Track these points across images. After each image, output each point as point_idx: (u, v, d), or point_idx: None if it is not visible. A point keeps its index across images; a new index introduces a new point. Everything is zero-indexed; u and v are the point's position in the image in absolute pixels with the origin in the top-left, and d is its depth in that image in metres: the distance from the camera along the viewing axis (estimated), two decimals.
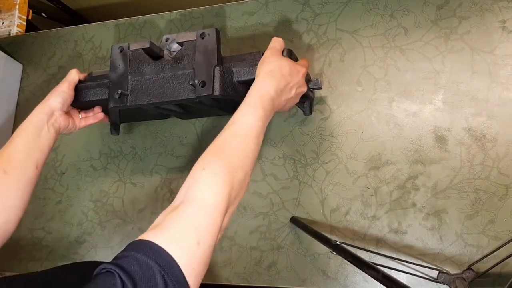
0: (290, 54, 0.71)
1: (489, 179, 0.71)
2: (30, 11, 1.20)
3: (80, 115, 0.82)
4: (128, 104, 0.74)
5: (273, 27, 0.90)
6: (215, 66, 0.69)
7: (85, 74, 0.82)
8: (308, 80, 0.73)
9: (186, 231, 0.46)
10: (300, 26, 0.88)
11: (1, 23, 1.17)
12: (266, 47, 0.89)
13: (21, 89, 1.08)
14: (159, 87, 0.72)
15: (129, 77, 0.75)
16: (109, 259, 0.89)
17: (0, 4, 1.18)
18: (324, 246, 0.72)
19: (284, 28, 0.89)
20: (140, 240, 0.44)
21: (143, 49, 0.73)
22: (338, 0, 0.86)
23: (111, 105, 0.74)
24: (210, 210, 0.48)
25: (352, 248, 0.72)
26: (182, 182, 0.54)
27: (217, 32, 0.71)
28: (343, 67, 0.83)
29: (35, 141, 0.69)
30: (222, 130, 0.57)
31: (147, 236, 0.45)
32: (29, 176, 0.66)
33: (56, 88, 0.76)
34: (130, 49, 0.76)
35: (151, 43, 0.72)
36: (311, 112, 0.80)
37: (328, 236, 0.74)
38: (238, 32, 0.92)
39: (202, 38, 0.71)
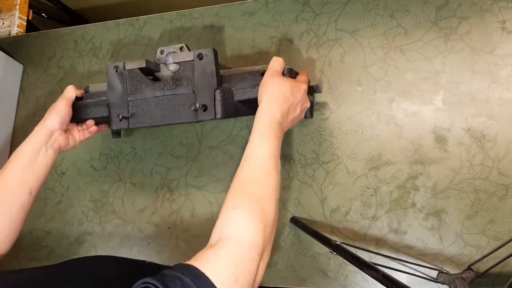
0: (290, 72, 0.70)
1: (488, 179, 0.71)
2: (31, 11, 1.20)
3: (77, 128, 0.81)
4: (130, 126, 0.74)
5: (273, 27, 0.90)
6: (216, 89, 0.69)
7: (82, 91, 0.81)
8: (308, 86, 0.73)
9: (225, 265, 0.46)
10: (300, 26, 0.88)
11: (2, 23, 1.17)
12: (266, 47, 0.89)
13: (21, 89, 1.08)
14: (160, 110, 0.72)
15: (129, 98, 0.74)
16: None
17: (0, 5, 1.18)
18: (324, 246, 0.72)
19: (284, 28, 0.89)
20: (187, 264, 0.45)
21: (139, 69, 0.71)
22: (338, 0, 0.86)
23: (113, 127, 0.75)
24: (247, 247, 0.49)
25: (352, 248, 0.72)
26: (182, 182, 0.54)
27: (215, 52, 0.69)
28: (343, 67, 0.83)
29: (31, 166, 0.68)
30: (241, 164, 0.58)
31: (193, 262, 0.46)
32: (22, 202, 0.66)
33: (53, 106, 0.75)
34: (126, 68, 0.74)
35: (147, 62, 0.70)
36: (311, 116, 0.80)
37: (328, 236, 0.74)
38: (238, 32, 0.92)
39: (200, 59, 0.69)
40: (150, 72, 0.72)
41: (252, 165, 0.57)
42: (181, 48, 0.73)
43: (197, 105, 0.69)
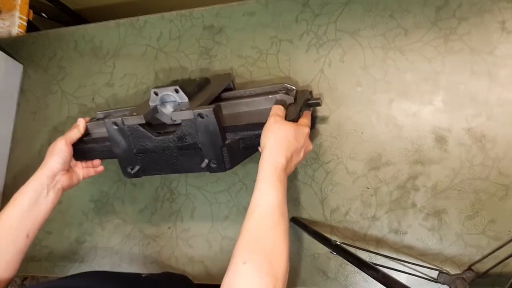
0: (295, 114, 0.68)
1: (489, 179, 0.71)
2: (31, 11, 1.20)
3: (82, 164, 0.81)
4: (141, 176, 0.75)
5: (273, 27, 0.90)
6: (222, 146, 0.69)
7: (84, 126, 0.79)
8: (308, 100, 0.73)
9: None
10: (300, 26, 0.88)
11: (2, 23, 1.17)
12: (266, 47, 0.89)
13: (21, 89, 1.08)
14: (169, 162, 0.73)
15: (135, 151, 0.73)
16: (110, 259, 0.90)
17: (0, 5, 1.18)
18: (324, 246, 0.72)
19: (284, 28, 0.89)
20: None
21: (139, 124, 0.70)
22: (338, 0, 0.86)
23: (126, 176, 0.76)
24: None
25: (352, 248, 0.72)
26: (182, 182, 0.54)
27: (215, 111, 0.66)
28: (343, 67, 0.83)
29: (30, 209, 0.68)
30: (248, 214, 0.57)
31: None
32: (19, 246, 0.66)
33: (53, 147, 0.74)
34: (125, 124, 0.71)
35: (145, 117, 0.69)
36: (313, 127, 0.80)
37: (328, 236, 0.74)
38: (238, 32, 0.92)
39: (201, 118, 0.67)
40: (151, 126, 0.72)
41: (259, 216, 0.56)
42: (175, 90, 0.71)
43: (206, 160, 0.70)
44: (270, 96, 0.71)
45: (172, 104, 0.72)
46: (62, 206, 0.95)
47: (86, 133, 0.80)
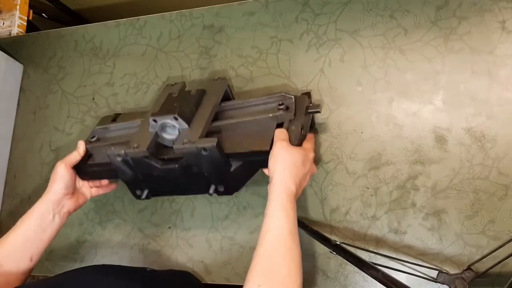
0: (298, 140, 0.68)
1: (488, 179, 0.71)
2: (31, 11, 1.20)
3: (89, 184, 0.81)
4: (151, 197, 0.77)
5: (273, 27, 0.90)
6: (227, 173, 0.69)
7: (84, 149, 0.79)
8: (308, 107, 0.73)
9: None
10: (300, 26, 0.88)
11: (2, 23, 1.17)
12: (266, 47, 0.89)
13: (21, 89, 1.08)
14: (177, 185, 0.74)
15: (140, 177, 0.74)
16: (110, 258, 0.90)
17: (0, 5, 1.18)
18: (324, 246, 0.72)
19: (284, 28, 0.89)
20: None
21: (143, 157, 0.70)
22: (338, 0, 0.86)
23: (136, 198, 0.77)
24: None
25: (352, 248, 0.72)
26: None
27: (218, 144, 0.66)
28: (343, 67, 0.83)
29: (36, 234, 0.69)
30: (261, 239, 0.58)
31: None
32: (22, 269, 0.67)
33: (54, 172, 0.74)
34: (128, 156, 0.71)
35: (148, 150, 0.69)
36: (313, 126, 0.81)
37: (328, 236, 0.74)
38: (238, 32, 0.92)
39: (205, 151, 0.67)
40: (155, 156, 0.72)
41: (272, 241, 0.57)
42: (175, 118, 0.70)
43: (213, 187, 0.72)
44: (270, 115, 0.70)
45: (172, 129, 0.72)
46: None
47: (89, 154, 0.80)
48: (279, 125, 0.69)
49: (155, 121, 0.71)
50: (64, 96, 1.03)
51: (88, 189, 0.80)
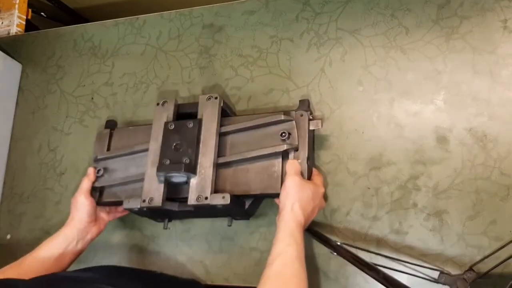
0: (307, 171, 0.72)
1: (490, 179, 0.70)
2: (30, 10, 1.20)
3: (106, 210, 0.83)
4: (172, 220, 0.84)
5: (273, 26, 0.89)
6: (241, 210, 0.75)
7: (94, 173, 0.81)
8: (309, 121, 0.74)
9: None
10: (301, 25, 0.87)
11: (1, 22, 1.16)
12: (266, 46, 0.89)
13: (20, 89, 1.07)
14: (194, 214, 0.79)
15: (160, 213, 0.79)
16: (109, 259, 0.89)
17: (0, 4, 1.18)
18: (325, 247, 0.72)
19: (284, 27, 0.88)
20: None
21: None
22: None
23: (157, 222, 0.83)
24: None
25: (353, 248, 0.72)
26: None
27: (231, 199, 0.69)
28: (344, 66, 0.83)
29: (57, 258, 0.72)
30: (270, 262, 0.60)
31: None
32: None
33: (75, 203, 0.77)
34: (145, 209, 0.74)
35: (163, 203, 0.72)
36: None
37: (329, 236, 0.74)
38: (238, 31, 0.92)
39: (215, 204, 0.70)
40: (169, 198, 0.74)
41: (282, 263, 0.60)
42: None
43: (230, 219, 0.78)
44: (275, 151, 0.72)
45: (180, 177, 0.73)
46: (61, 206, 0.95)
47: (100, 189, 0.82)
48: (285, 153, 0.72)
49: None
50: (63, 96, 1.02)
51: (106, 214, 0.83)
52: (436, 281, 0.69)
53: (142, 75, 0.97)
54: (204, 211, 0.74)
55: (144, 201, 0.73)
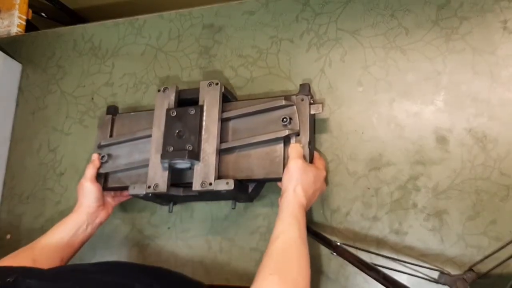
0: (309, 155, 0.72)
1: (490, 179, 0.70)
2: (30, 11, 1.20)
3: (111, 194, 0.84)
4: (177, 204, 0.85)
5: (273, 26, 0.89)
6: (245, 194, 0.76)
7: (98, 159, 0.82)
8: (310, 104, 0.75)
9: None
10: (301, 25, 0.87)
11: (1, 22, 1.16)
12: (266, 46, 0.89)
13: (20, 89, 1.07)
14: (199, 198, 0.80)
15: (165, 197, 0.80)
16: (109, 260, 0.89)
17: (0, 4, 1.18)
18: (325, 247, 0.72)
19: (284, 27, 0.88)
20: None
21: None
22: None
23: (162, 205, 0.86)
24: None
25: (353, 249, 0.72)
26: None
27: (235, 185, 0.70)
28: (344, 67, 0.83)
29: (68, 240, 0.74)
30: (272, 240, 0.61)
31: None
32: (54, 265, 0.70)
33: (82, 189, 0.78)
34: (151, 195, 0.76)
35: (168, 189, 0.74)
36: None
37: (329, 237, 0.74)
38: (238, 31, 0.92)
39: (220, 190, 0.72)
40: (174, 184, 0.76)
41: (284, 242, 0.61)
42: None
43: (233, 202, 0.79)
44: (277, 136, 0.72)
45: (183, 163, 0.74)
46: (61, 206, 0.95)
47: (105, 175, 0.83)
48: (287, 138, 0.73)
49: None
50: (63, 96, 1.02)
51: (112, 199, 0.84)
52: (436, 281, 0.69)
53: (142, 76, 0.97)
54: (208, 195, 0.75)
55: (149, 187, 0.74)
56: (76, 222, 0.76)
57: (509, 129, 0.71)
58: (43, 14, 1.33)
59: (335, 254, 0.69)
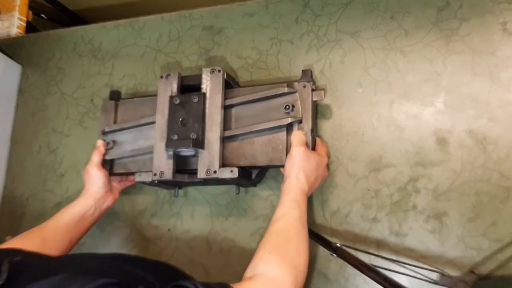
0: (312, 142, 0.74)
1: (490, 181, 0.70)
2: (30, 12, 1.20)
3: (118, 179, 0.85)
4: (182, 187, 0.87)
5: (273, 28, 0.89)
6: (246, 180, 0.76)
7: (104, 144, 0.83)
8: (312, 90, 0.75)
9: None
10: (301, 27, 0.87)
11: (1, 24, 1.16)
12: (266, 48, 0.89)
13: (20, 90, 1.07)
14: (200, 183, 0.81)
15: (169, 184, 0.82)
16: None
17: (0, 5, 1.18)
18: (324, 249, 0.72)
19: (284, 29, 0.89)
20: (230, 284, 0.52)
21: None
22: (339, 1, 0.86)
23: (168, 190, 0.87)
24: (281, 285, 0.54)
25: (353, 250, 0.72)
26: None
27: (240, 173, 0.72)
28: (344, 68, 0.83)
29: (77, 221, 0.75)
30: (273, 222, 0.63)
31: (235, 285, 0.53)
32: (62, 248, 0.73)
33: (88, 175, 0.79)
34: (156, 182, 0.77)
35: (173, 176, 0.75)
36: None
37: (329, 238, 0.74)
38: (237, 33, 0.92)
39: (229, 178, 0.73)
40: (179, 170, 0.77)
41: (284, 223, 0.63)
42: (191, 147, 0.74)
43: (238, 188, 0.80)
44: (279, 124, 0.74)
45: (188, 151, 0.75)
46: (61, 207, 0.94)
47: (110, 161, 0.84)
48: (289, 126, 0.74)
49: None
50: (63, 98, 1.02)
51: (118, 183, 0.85)
52: (436, 283, 0.69)
53: (142, 77, 0.97)
54: (213, 181, 0.76)
55: (155, 174, 0.75)
56: (84, 206, 0.77)
57: (509, 131, 0.71)
58: (43, 15, 1.33)
59: (335, 255, 0.69)
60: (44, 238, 0.70)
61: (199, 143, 0.74)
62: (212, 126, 0.75)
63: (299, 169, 0.68)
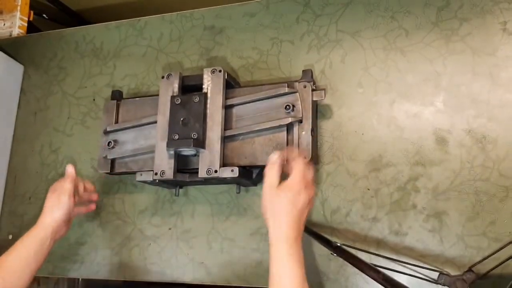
0: (313, 145, 0.74)
1: (489, 180, 0.71)
2: (32, 12, 1.20)
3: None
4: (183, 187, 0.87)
5: (274, 28, 0.90)
6: (246, 179, 0.77)
7: (73, 172, 0.81)
8: (312, 91, 0.76)
9: None
10: (301, 27, 0.88)
11: (3, 24, 1.17)
12: (267, 48, 0.89)
13: (22, 90, 1.08)
14: (201, 183, 0.81)
15: (170, 183, 0.83)
16: (110, 260, 0.89)
17: (1, 5, 1.18)
18: (325, 248, 0.72)
19: (284, 29, 0.89)
20: None
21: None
22: (339, 1, 0.86)
23: (169, 189, 0.88)
24: None
25: (353, 249, 0.72)
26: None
27: (240, 171, 0.73)
28: (344, 68, 0.83)
29: (36, 254, 0.74)
30: (272, 284, 0.59)
31: None
32: (22, 283, 0.72)
33: (59, 202, 0.76)
34: (158, 181, 0.78)
35: (174, 175, 0.76)
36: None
37: (329, 237, 0.74)
38: (238, 33, 0.92)
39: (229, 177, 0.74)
40: (180, 170, 0.78)
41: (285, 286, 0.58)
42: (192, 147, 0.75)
43: (239, 188, 0.81)
44: (280, 124, 0.74)
45: (189, 150, 0.76)
46: None
47: (112, 160, 0.85)
48: (290, 125, 0.74)
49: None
50: (65, 98, 1.03)
51: (74, 211, 0.81)
52: (435, 281, 0.69)
53: (143, 77, 0.97)
54: (214, 181, 0.77)
55: (156, 174, 0.76)
56: (40, 238, 0.74)
57: (508, 130, 0.71)
58: (44, 15, 1.34)
59: (335, 254, 0.70)
60: (3, 278, 0.70)
61: (200, 143, 0.74)
62: (213, 125, 0.76)
63: (272, 213, 0.61)
